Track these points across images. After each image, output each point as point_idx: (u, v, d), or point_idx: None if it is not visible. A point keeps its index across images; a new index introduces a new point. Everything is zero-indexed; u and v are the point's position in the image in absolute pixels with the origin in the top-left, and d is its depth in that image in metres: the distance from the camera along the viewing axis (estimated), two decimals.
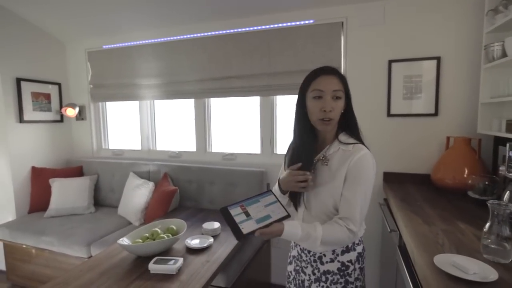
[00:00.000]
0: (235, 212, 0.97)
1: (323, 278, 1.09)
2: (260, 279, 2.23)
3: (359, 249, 1.10)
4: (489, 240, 0.95)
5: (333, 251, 1.07)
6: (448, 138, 1.88)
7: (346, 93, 1.04)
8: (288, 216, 1.01)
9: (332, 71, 1.03)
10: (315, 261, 1.10)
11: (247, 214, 0.98)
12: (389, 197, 1.75)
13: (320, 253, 1.09)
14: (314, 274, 1.11)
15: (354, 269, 1.08)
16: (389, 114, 2.05)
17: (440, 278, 0.86)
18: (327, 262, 1.08)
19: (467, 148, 1.77)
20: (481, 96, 1.73)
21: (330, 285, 1.08)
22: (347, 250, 1.07)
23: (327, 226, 0.99)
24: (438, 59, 1.91)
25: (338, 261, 1.07)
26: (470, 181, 1.60)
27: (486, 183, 1.53)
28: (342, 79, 1.03)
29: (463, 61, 1.88)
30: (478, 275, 0.85)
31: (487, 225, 0.96)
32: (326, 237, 0.97)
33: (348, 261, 1.07)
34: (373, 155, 1.03)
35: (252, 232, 0.93)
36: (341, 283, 1.07)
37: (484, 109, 1.73)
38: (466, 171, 1.69)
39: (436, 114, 1.95)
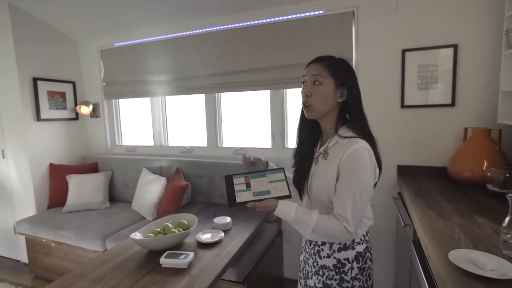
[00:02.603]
0: (238, 181, 1.01)
1: (321, 272, 1.08)
2: (272, 273, 2.23)
3: (359, 248, 1.05)
4: (509, 235, 0.90)
5: (330, 247, 1.05)
6: (465, 129, 1.80)
7: (340, 81, 0.99)
8: (288, 196, 1.00)
9: (317, 60, 1.02)
10: (314, 254, 1.10)
11: (248, 186, 1.00)
12: (403, 190, 1.70)
13: (319, 247, 1.08)
14: (314, 266, 1.11)
15: (351, 268, 1.04)
16: (403, 106, 1.98)
17: (455, 275, 0.82)
18: (324, 257, 1.07)
19: (486, 139, 1.69)
20: (502, 85, 1.63)
21: (326, 280, 1.06)
22: (344, 248, 1.04)
23: (324, 217, 0.96)
24: (455, 46, 1.83)
25: (334, 258, 1.05)
26: (489, 174, 1.52)
27: (507, 175, 1.45)
28: (331, 66, 0.99)
29: (482, 48, 1.79)
30: (496, 271, 0.80)
31: (507, 219, 0.91)
32: (319, 227, 0.95)
33: (344, 259, 1.04)
34: (387, 148, 1.00)
35: (245, 203, 0.96)
36: (336, 279, 1.05)
37: (505, 98, 1.64)
38: (485, 163, 1.62)
39: (453, 104, 1.87)
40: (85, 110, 2.94)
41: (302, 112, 1.09)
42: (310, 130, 1.11)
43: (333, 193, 0.99)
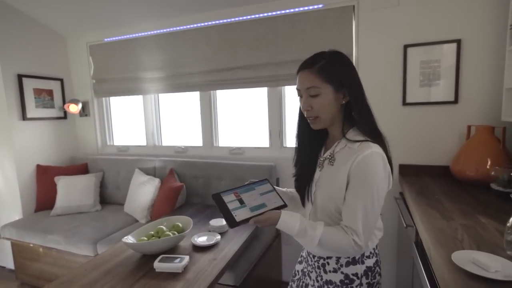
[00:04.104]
0: (229, 199, 0.95)
1: None
2: (271, 277, 2.18)
3: (369, 262, 0.97)
4: None
5: (337, 261, 0.97)
6: (469, 127, 1.77)
7: (338, 83, 0.90)
8: (284, 206, 0.97)
9: (306, 66, 0.92)
10: (318, 267, 1.02)
11: (241, 202, 0.95)
12: (405, 190, 1.66)
13: (324, 261, 0.99)
14: (317, 281, 1.03)
15: (360, 284, 0.96)
16: (404, 103, 1.94)
17: (459, 277, 0.79)
18: (329, 271, 0.98)
19: (490, 137, 1.66)
20: (506, 81, 1.61)
21: None
22: (353, 262, 0.96)
23: (331, 229, 0.89)
24: (458, 42, 1.79)
25: (342, 273, 0.97)
26: (493, 173, 1.48)
27: (511, 174, 1.41)
28: (323, 70, 0.90)
29: (486, 43, 1.75)
30: (500, 273, 0.77)
31: (511, 219, 0.88)
32: (325, 240, 0.87)
33: (353, 274, 0.96)
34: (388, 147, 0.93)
35: (246, 220, 0.90)
36: None
37: (509, 94, 1.60)
38: (489, 162, 1.58)
39: (456, 101, 1.84)
40: (74, 108, 2.85)
41: (300, 117, 1.02)
42: (311, 135, 1.03)
43: (342, 202, 0.91)
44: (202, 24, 2.44)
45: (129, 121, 3.05)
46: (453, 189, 1.61)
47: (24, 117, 2.63)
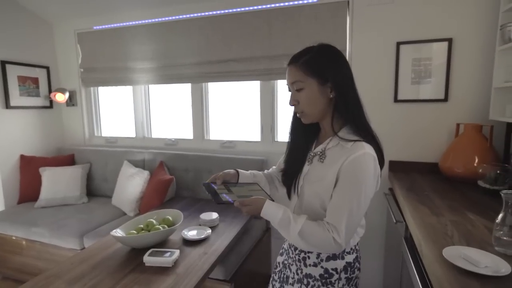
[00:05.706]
0: (218, 187, 1.02)
1: (305, 281, 1.00)
2: (260, 271, 2.18)
3: (349, 258, 0.98)
4: (501, 232, 0.89)
5: (318, 255, 0.98)
6: (458, 125, 1.79)
7: (322, 77, 0.89)
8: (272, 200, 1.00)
9: (292, 60, 0.94)
10: (299, 260, 1.02)
11: (230, 192, 1.02)
12: (395, 186, 1.68)
13: (305, 254, 1.00)
14: (297, 274, 1.04)
15: (339, 279, 0.97)
16: (396, 100, 1.96)
17: (450, 272, 0.80)
18: (309, 265, 0.99)
19: (478, 135, 1.69)
20: (495, 80, 1.64)
21: None
22: (333, 257, 0.97)
23: (312, 223, 0.88)
24: (449, 40, 1.81)
25: (322, 267, 0.97)
26: (480, 170, 1.52)
27: (498, 172, 1.45)
28: (307, 64, 0.89)
29: (477, 43, 1.78)
30: (490, 268, 0.79)
31: (500, 216, 0.90)
32: (305, 233, 0.87)
33: (332, 269, 0.97)
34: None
35: (231, 203, 0.97)
36: None
37: (498, 94, 1.64)
38: (477, 160, 1.61)
39: (446, 99, 1.86)
40: (60, 97, 2.76)
41: (295, 114, 1.02)
42: (305, 130, 1.03)
43: (328, 200, 0.91)
44: (195, 14, 2.39)
45: (118, 112, 2.98)
46: (442, 185, 1.64)
47: (7, 105, 2.54)
